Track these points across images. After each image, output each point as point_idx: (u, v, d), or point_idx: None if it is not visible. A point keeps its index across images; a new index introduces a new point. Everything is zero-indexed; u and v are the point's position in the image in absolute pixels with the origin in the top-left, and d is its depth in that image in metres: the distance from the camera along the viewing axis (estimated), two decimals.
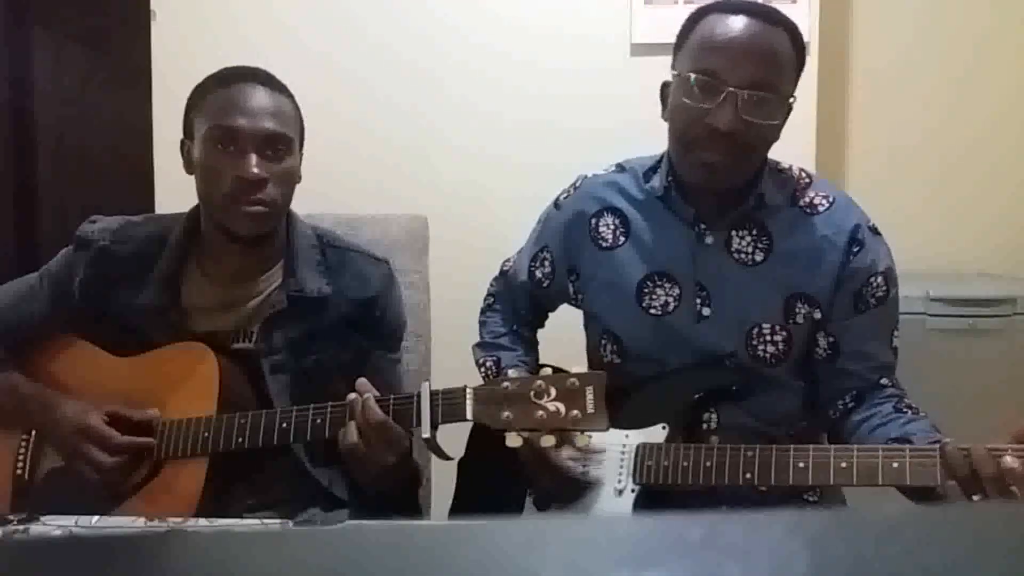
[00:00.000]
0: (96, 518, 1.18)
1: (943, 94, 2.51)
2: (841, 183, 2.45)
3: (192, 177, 1.38)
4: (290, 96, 1.37)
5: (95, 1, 2.73)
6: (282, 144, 1.33)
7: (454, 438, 1.33)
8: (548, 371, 1.16)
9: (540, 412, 1.12)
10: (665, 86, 1.35)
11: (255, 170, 1.29)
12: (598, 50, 2.26)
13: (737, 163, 1.28)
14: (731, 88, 1.22)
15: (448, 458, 1.25)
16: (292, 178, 1.36)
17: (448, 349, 1.76)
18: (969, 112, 2.51)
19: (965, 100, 2.51)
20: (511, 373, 1.21)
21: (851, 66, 2.51)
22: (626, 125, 2.19)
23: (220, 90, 1.33)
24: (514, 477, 1.33)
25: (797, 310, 1.32)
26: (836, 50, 2.47)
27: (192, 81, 1.38)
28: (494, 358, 1.48)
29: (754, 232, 1.34)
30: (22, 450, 1.40)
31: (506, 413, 1.13)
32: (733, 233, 1.34)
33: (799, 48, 1.28)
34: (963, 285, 2.23)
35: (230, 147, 1.30)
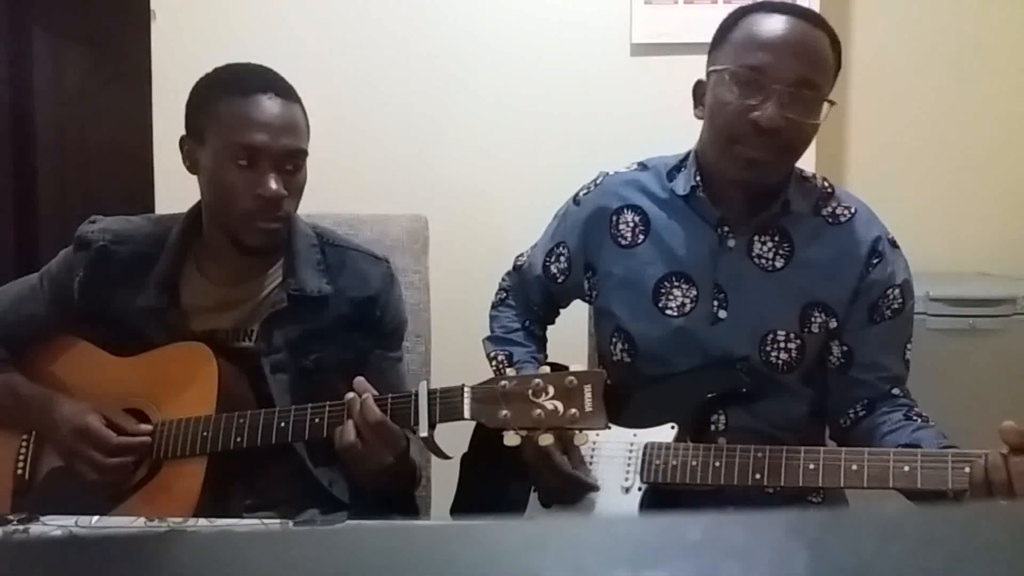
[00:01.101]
0: (96, 518, 1.18)
1: (943, 94, 2.51)
2: (841, 183, 2.44)
3: (191, 176, 1.37)
4: (299, 101, 1.35)
5: (95, 1, 2.73)
6: (298, 159, 1.33)
7: (457, 436, 1.33)
8: (547, 369, 1.16)
9: (538, 411, 1.12)
10: (699, 85, 1.35)
11: (275, 187, 1.29)
12: (598, 50, 2.26)
13: (779, 160, 1.28)
14: (776, 85, 1.23)
15: (447, 457, 1.25)
16: (303, 188, 1.37)
17: (448, 349, 1.76)
18: (969, 112, 2.51)
19: (965, 100, 2.51)
20: (509, 372, 1.21)
21: (851, 66, 2.51)
22: (626, 125, 2.20)
23: (235, 99, 1.30)
24: (517, 475, 1.33)
25: (813, 319, 1.33)
26: None
27: (192, 81, 1.37)
28: (506, 352, 1.48)
29: (776, 238, 1.34)
30: (23, 450, 1.40)
31: (504, 412, 1.13)
32: (755, 238, 1.34)
33: (837, 52, 1.29)
34: (963, 285, 2.23)
35: (247, 164, 1.29)
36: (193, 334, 1.37)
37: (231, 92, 1.31)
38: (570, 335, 1.64)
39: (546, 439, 1.13)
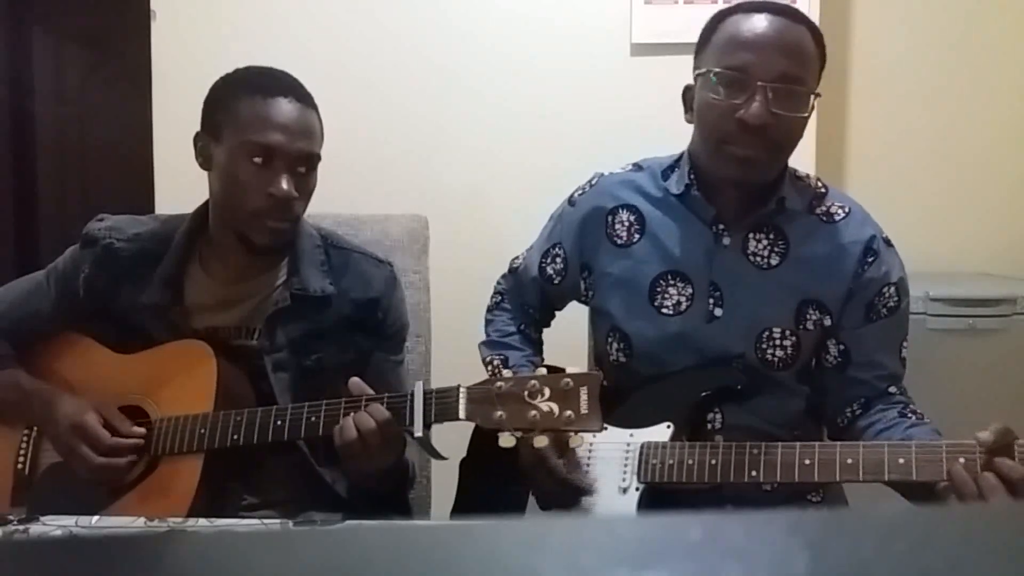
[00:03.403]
0: (96, 518, 1.18)
1: (943, 94, 2.51)
2: (841, 183, 2.45)
3: (191, 176, 1.37)
4: (316, 108, 1.37)
5: (95, 1, 2.73)
6: (311, 162, 1.34)
7: (457, 438, 1.33)
8: (543, 371, 1.16)
9: (533, 412, 1.11)
10: (688, 89, 1.35)
11: (286, 188, 1.30)
12: (598, 50, 2.26)
13: (770, 156, 1.28)
14: (760, 82, 1.23)
15: (442, 457, 1.25)
16: (312, 192, 1.38)
17: (448, 349, 1.76)
18: (969, 112, 2.51)
19: (965, 100, 2.51)
20: (506, 373, 1.21)
21: (851, 66, 2.51)
22: (626, 125, 2.20)
23: (256, 99, 1.31)
24: (516, 477, 1.33)
25: (808, 316, 1.33)
26: (836, 49, 2.46)
27: (192, 81, 1.38)
28: (501, 357, 1.48)
29: (771, 236, 1.34)
30: (23, 445, 1.40)
31: (499, 413, 1.13)
32: (750, 235, 1.34)
33: (821, 46, 1.30)
34: (963, 285, 2.23)
35: (262, 163, 1.30)
36: (196, 331, 1.37)
37: (252, 92, 1.32)
38: (570, 337, 1.64)
39: (541, 441, 1.12)
